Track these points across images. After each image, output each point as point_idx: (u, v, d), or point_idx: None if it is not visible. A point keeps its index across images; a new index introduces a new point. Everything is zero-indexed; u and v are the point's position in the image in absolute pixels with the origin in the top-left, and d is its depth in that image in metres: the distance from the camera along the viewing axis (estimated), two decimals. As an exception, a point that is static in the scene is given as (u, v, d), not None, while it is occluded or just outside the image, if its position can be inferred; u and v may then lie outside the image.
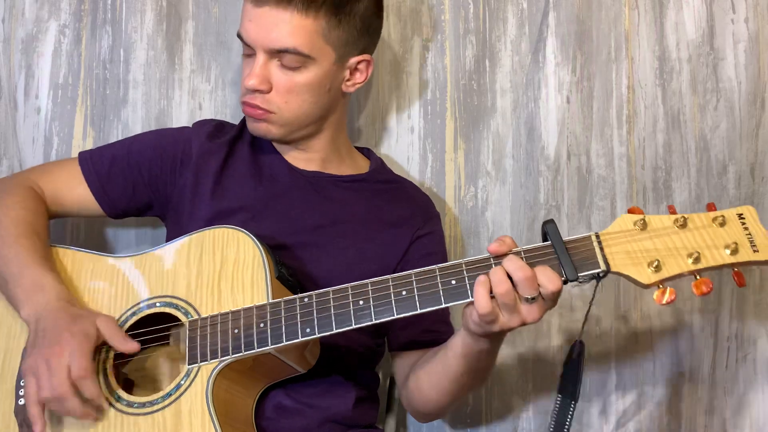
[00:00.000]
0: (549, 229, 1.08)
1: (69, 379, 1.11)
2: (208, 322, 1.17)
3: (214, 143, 1.41)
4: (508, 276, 1.04)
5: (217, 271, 1.21)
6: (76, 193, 1.39)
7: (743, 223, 1.06)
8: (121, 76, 1.63)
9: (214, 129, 1.44)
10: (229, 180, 1.38)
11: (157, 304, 1.22)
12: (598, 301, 1.09)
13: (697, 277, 1.04)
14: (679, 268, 1.04)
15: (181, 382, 1.15)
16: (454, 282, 1.08)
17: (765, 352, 1.62)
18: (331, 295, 1.12)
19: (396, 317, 1.09)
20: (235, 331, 1.15)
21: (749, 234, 1.05)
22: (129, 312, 1.22)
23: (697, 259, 1.04)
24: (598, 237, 1.07)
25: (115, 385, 1.17)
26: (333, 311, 1.12)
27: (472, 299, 1.06)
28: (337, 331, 1.11)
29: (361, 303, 1.11)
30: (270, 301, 1.16)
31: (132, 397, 1.16)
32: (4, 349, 1.23)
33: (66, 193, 1.39)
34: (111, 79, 1.63)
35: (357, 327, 1.10)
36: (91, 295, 1.25)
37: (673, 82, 1.62)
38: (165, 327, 1.21)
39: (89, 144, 1.61)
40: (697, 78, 1.62)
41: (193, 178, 1.38)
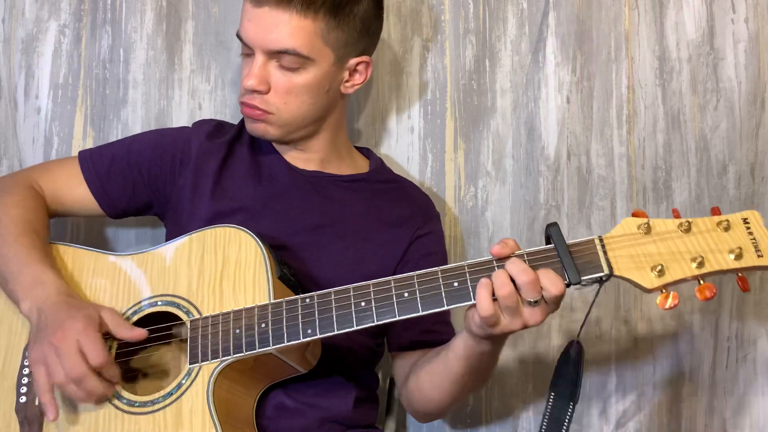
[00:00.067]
0: (552, 232, 1.07)
1: (84, 361, 1.10)
2: (209, 322, 1.17)
3: (213, 143, 1.41)
4: (511, 279, 1.04)
5: (219, 270, 1.21)
6: (75, 192, 1.39)
7: (748, 227, 1.05)
8: (120, 76, 1.62)
9: (213, 129, 1.44)
10: (228, 180, 1.38)
11: (159, 303, 1.22)
12: (598, 301, 1.09)
13: (701, 281, 1.03)
14: (683, 273, 1.03)
15: (182, 382, 1.15)
16: (456, 284, 1.08)
17: (765, 352, 1.62)
18: (332, 296, 1.12)
19: (398, 319, 1.09)
20: (237, 330, 1.14)
21: (754, 239, 1.04)
22: (130, 310, 1.22)
23: (700, 264, 1.03)
24: (601, 240, 1.07)
25: (117, 384, 1.17)
26: (335, 312, 1.11)
27: (474, 302, 1.06)
28: (339, 332, 1.11)
29: (362, 304, 1.10)
30: (272, 301, 1.16)
31: (133, 396, 1.16)
32: (5, 347, 1.23)
33: (66, 192, 1.39)
34: (111, 79, 1.62)
35: (359, 328, 1.10)
36: (92, 293, 1.25)
37: (673, 82, 1.62)
38: (166, 326, 1.21)
39: (89, 144, 1.61)
40: (697, 78, 1.62)
41: (193, 178, 1.37)
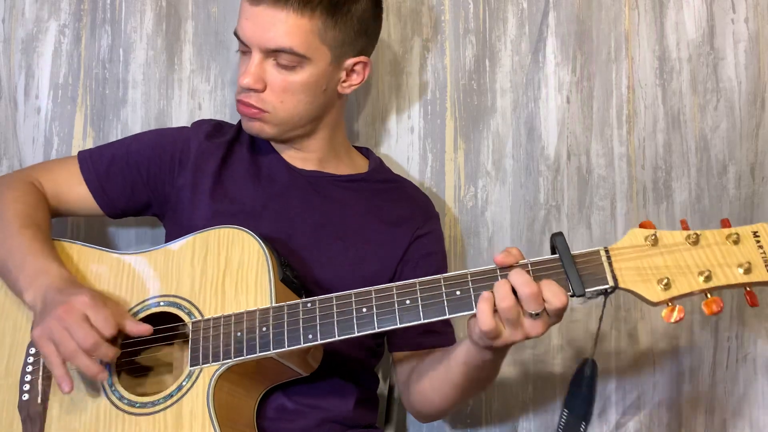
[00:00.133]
0: (557, 242, 1.06)
1: (93, 329, 1.10)
2: (211, 324, 1.16)
3: (212, 143, 1.41)
4: (513, 290, 1.03)
5: (222, 271, 1.21)
6: (75, 191, 1.39)
7: (758, 241, 1.02)
8: (120, 76, 1.62)
9: (212, 129, 1.44)
10: (228, 180, 1.38)
11: (161, 303, 1.22)
12: (598, 302, 1.08)
13: (708, 295, 1.01)
14: (690, 287, 1.01)
15: (183, 383, 1.15)
16: (458, 293, 1.08)
17: (765, 352, 1.62)
18: (334, 302, 1.12)
19: (399, 326, 1.09)
20: (238, 334, 1.14)
21: (764, 252, 1.01)
22: (133, 310, 1.22)
23: (708, 278, 1.01)
24: (607, 251, 1.05)
25: (118, 384, 1.17)
26: (336, 318, 1.11)
27: (475, 311, 1.06)
28: (340, 338, 1.10)
29: (364, 311, 1.10)
30: (273, 304, 1.15)
31: (134, 397, 1.16)
32: (9, 344, 1.23)
33: (65, 191, 1.39)
34: (110, 79, 1.62)
35: (360, 335, 1.10)
36: (96, 290, 1.25)
37: (673, 82, 1.62)
38: (168, 327, 1.21)
39: (89, 144, 1.61)
40: (697, 78, 1.62)
41: (192, 178, 1.37)
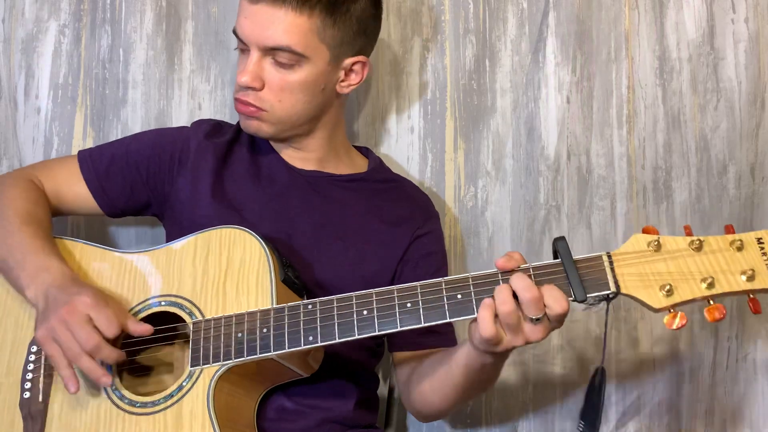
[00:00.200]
0: (560, 247, 1.05)
1: (96, 331, 1.11)
2: (212, 325, 1.16)
3: (211, 142, 1.41)
4: (514, 294, 1.03)
5: (223, 271, 1.20)
6: (74, 191, 1.39)
7: (762, 247, 1.01)
8: (120, 76, 1.62)
9: (212, 128, 1.44)
10: (227, 180, 1.38)
11: (163, 303, 1.22)
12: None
13: (710, 302, 1.01)
14: (692, 294, 1.01)
15: (183, 384, 1.15)
16: (459, 296, 1.07)
17: (765, 352, 1.62)
18: (335, 304, 1.12)
19: (399, 330, 1.09)
20: (239, 335, 1.14)
21: (767, 260, 1.01)
22: (134, 309, 1.22)
23: (711, 285, 1.00)
24: (609, 257, 1.05)
25: (119, 383, 1.17)
26: (336, 320, 1.11)
27: (476, 315, 1.05)
28: (340, 340, 1.10)
29: (365, 313, 1.10)
30: (274, 305, 1.15)
31: (135, 396, 1.16)
32: (11, 341, 1.23)
33: (65, 190, 1.39)
34: (110, 79, 1.62)
35: (360, 337, 1.10)
36: (99, 288, 1.25)
37: (674, 82, 1.62)
38: (169, 327, 1.21)
39: (89, 144, 1.61)
40: (697, 78, 1.62)
41: (192, 177, 1.37)
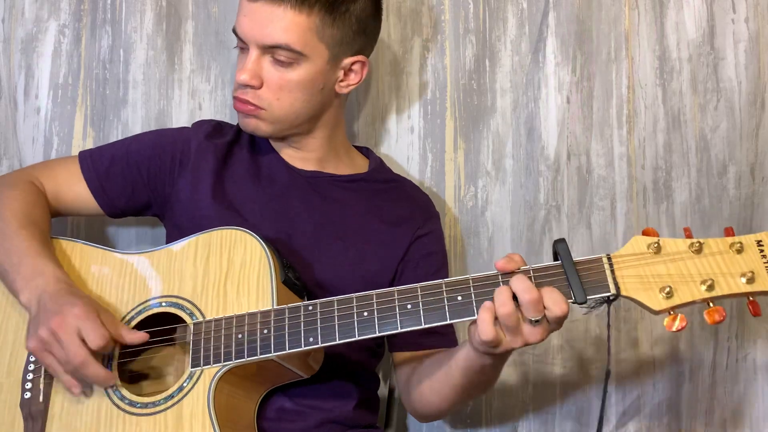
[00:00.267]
0: (560, 249, 1.06)
1: (84, 346, 1.11)
2: (212, 326, 1.17)
3: (212, 143, 1.41)
4: (514, 295, 1.03)
5: (224, 272, 1.21)
6: (75, 191, 1.39)
7: (761, 250, 1.02)
8: (120, 76, 1.62)
9: (212, 129, 1.44)
10: (228, 181, 1.38)
11: (163, 304, 1.22)
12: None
13: (710, 305, 1.01)
14: (692, 296, 1.01)
15: (184, 385, 1.15)
16: (460, 298, 1.08)
17: (765, 352, 1.62)
18: (335, 305, 1.12)
19: (400, 331, 1.09)
20: (239, 336, 1.14)
21: (767, 262, 1.01)
22: (135, 310, 1.23)
23: (710, 287, 1.00)
24: (609, 259, 1.05)
25: (119, 384, 1.17)
26: (337, 321, 1.11)
27: (476, 317, 1.06)
28: (341, 342, 1.11)
29: (365, 314, 1.10)
30: (275, 307, 1.15)
31: (135, 397, 1.16)
32: (11, 342, 1.23)
33: (66, 190, 1.39)
34: (111, 79, 1.62)
35: (360, 339, 1.10)
36: (99, 289, 1.25)
37: (674, 82, 1.62)
38: (170, 328, 1.21)
39: (89, 144, 1.61)
40: (697, 78, 1.62)
41: (192, 178, 1.37)
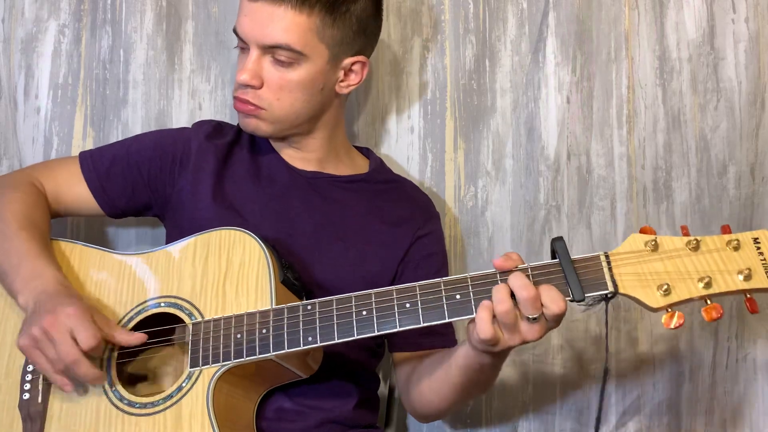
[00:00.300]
0: (558, 247, 1.06)
1: (76, 345, 1.11)
2: (211, 326, 1.17)
3: (212, 143, 1.41)
4: (512, 294, 1.03)
5: (223, 273, 1.21)
6: (75, 191, 1.39)
7: (758, 247, 1.02)
8: (120, 76, 1.62)
9: (212, 130, 1.44)
10: (228, 181, 1.38)
11: (162, 305, 1.22)
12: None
13: (708, 302, 1.02)
14: (689, 293, 1.02)
15: (183, 385, 1.15)
16: (458, 297, 1.08)
17: (765, 352, 1.62)
18: (334, 304, 1.12)
19: (398, 330, 1.09)
20: (238, 336, 1.14)
21: (764, 259, 1.02)
22: (134, 311, 1.23)
23: (708, 284, 1.01)
24: (607, 257, 1.05)
25: (118, 384, 1.18)
26: (336, 320, 1.11)
27: (474, 315, 1.06)
28: (339, 341, 1.11)
29: (364, 314, 1.10)
30: (273, 306, 1.15)
31: (134, 397, 1.16)
32: (9, 344, 1.23)
33: (66, 191, 1.39)
34: (111, 79, 1.62)
35: (359, 338, 1.10)
36: (98, 291, 1.25)
37: (674, 82, 1.62)
38: (169, 328, 1.21)
39: (89, 144, 1.61)
40: (697, 78, 1.62)
41: (192, 179, 1.37)
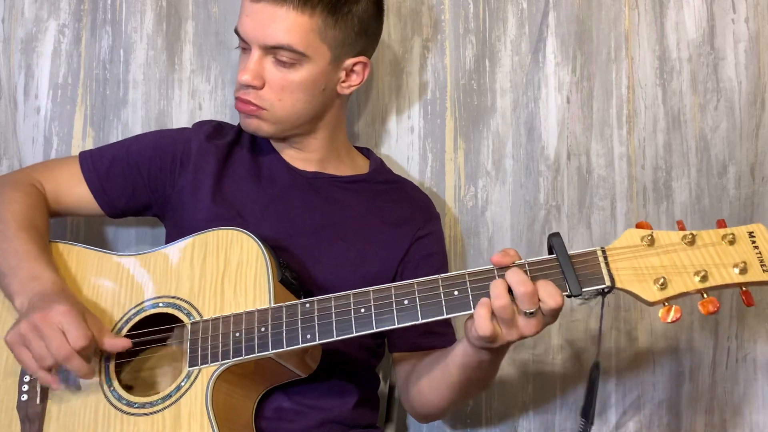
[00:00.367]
0: (555, 243, 1.06)
1: (67, 341, 1.10)
2: (209, 325, 1.17)
3: (212, 144, 1.41)
4: (509, 289, 1.04)
5: (221, 272, 1.21)
6: (75, 191, 1.39)
7: (753, 241, 1.03)
8: (120, 76, 1.62)
9: (213, 130, 1.44)
10: (228, 181, 1.38)
11: (160, 305, 1.22)
12: (597, 301, 1.09)
13: (704, 295, 1.02)
14: (686, 287, 1.02)
15: (182, 384, 1.15)
16: (456, 293, 1.08)
17: (765, 352, 1.62)
18: (332, 302, 1.12)
19: (397, 326, 1.09)
20: (237, 334, 1.14)
21: (759, 253, 1.02)
22: (132, 311, 1.23)
23: (704, 278, 1.02)
24: (604, 252, 1.06)
25: (117, 384, 1.18)
26: (334, 318, 1.11)
27: (473, 311, 1.06)
28: (338, 338, 1.11)
29: (362, 311, 1.11)
30: (272, 305, 1.16)
31: (132, 397, 1.16)
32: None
33: (66, 191, 1.39)
34: (111, 79, 1.62)
35: (358, 335, 1.10)
36: (96, 292, 1.25)
37: (674, 82, 1.62)
38: (168, 328, 1.21)
39: (89, 144, 1.61)
40: (697, 78, 1.62)
41: (192, 179, 1.37)
